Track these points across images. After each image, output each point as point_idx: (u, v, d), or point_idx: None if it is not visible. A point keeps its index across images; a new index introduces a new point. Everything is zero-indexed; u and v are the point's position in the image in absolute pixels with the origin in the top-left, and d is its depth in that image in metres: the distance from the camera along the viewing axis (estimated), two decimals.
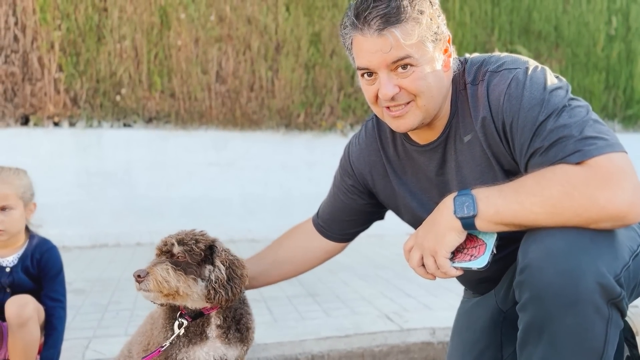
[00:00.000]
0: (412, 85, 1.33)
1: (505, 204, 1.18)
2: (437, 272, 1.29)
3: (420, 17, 1.31)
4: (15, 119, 5.05)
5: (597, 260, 1.11)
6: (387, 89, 1.33)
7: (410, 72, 1.32)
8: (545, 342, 1.17)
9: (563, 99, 1.25)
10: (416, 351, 2.54)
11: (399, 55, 1.30)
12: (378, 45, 1.30)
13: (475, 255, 1.25)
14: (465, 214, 1.22)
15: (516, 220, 1.19)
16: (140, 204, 5.26)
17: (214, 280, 1.52)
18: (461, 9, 6.14)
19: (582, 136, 1.17)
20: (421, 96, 1.35)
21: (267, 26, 5.59)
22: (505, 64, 1.36)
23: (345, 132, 5.86)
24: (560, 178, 1.15)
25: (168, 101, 5.39)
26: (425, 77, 1.33)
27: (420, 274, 1.33)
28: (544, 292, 1.13)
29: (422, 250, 1.30)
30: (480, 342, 1.63)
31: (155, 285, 1.44)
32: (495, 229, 1.23)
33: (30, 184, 2.03)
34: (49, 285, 2.04)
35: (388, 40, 1.29)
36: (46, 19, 5.02)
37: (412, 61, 1.31)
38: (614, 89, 6.77)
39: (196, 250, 1.53)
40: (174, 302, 1.52)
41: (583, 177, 1.13)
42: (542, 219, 1.16)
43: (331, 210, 1.84)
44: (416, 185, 1.60)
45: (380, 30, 1.29)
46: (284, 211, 5.50)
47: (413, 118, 1.38)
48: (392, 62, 1.31)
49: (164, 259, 1.50)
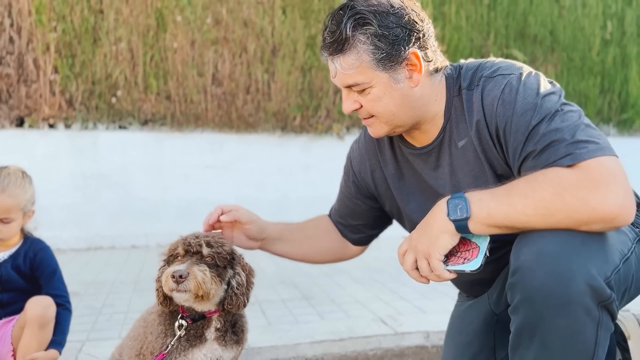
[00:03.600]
0: (368, 105, 1.42)
1: (498, 206, 1.19)
2: (430, 275, 1.29)
3: (362, 46, 1.34)
4: (10, 120, 5.04)
5: (587, 263, 1.12)
6: (345, 105, 1.45)
7: (367, 93, 1.40)
8: (536, 344, 1.17)
9: (556, 104, 1.26)
10: (410, 355, 2.54)
11: (346, 82, 1.40)
12: (331, 70, 1.43)
13: (468, 258, 1.26)
14: (459, 216, 1.22)
15: (508, 223, 1.19)
16: (135, 206, 5.25)
17: (235, 286, 1.53)
18: (457, 13, 6.16)
19: (574, 140, 1.19)
20: (380, 116, 1.43)
21: (263, 29, 5.59)
22: (500, 70, 1.38)
23: (341, 135, 5.86)
24: (551, 180, 1.16)
25: (164, 103, 5.38)
26: (379, 98, 1.39)
27: (413, 277, 1.33)
28: (536, 294, 1.13)
29: (415, 253, 1.30)
30: (473, 345, 1.63)
31: (195, 287, 1.42)
32: (488, 232, 1.23)
33: (33, 193, 2.07)
34: (48, 284, 2.07)
35: (334, 68, 1.40)
36: (42, 20, 5.01)
37: (362, 86, 1.39)
38: (609, 93, 6.80)
39: (223, 253, 1.53)
40: (199, 304, 1.50)
41: (574, 179, 1.14)
42: (534, 221, 1.17)
43: (341, 214, 1.86)
44: (413, 188, 1.60)
45: (329, 58, 1.41)
46: (280, 214, 5.45)
47: (379, 129, 1.47)
48: (345, 87, 1.42)
49: (196, 260, 1.48)
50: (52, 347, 1.98)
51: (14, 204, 1.96)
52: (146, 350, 1.61)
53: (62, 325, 2.05)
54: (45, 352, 1.94)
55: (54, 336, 2.00)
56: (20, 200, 1.98)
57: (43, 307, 1.94)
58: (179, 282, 1.41)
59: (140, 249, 5.14)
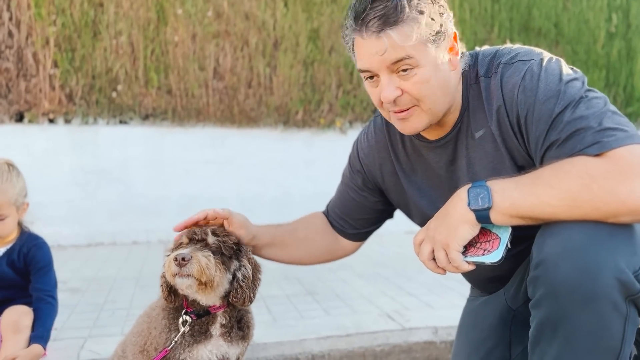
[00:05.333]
0: (414, 88, 1.29)
1: (522, 196, 1.14)
2: (448, 266, 1.24)
3: (420, 17, 1.26)
4: (9, 115, 4.98)
5: (615, 255, 1.07)
6: (387, 92, 1.29)
7: (412, 75, 1.28)
8: (559, 340, 1.13)
9: (579, 90, 1.21)
10: (418, 350, 2.49)
11: (397, 57, 1.26)
12: (376, 47, 1.26)
13: (488, 249, 1.21)
14: (480, 206, 1.17)
15: (532, 214, 1.14)
16: (136, 202, 5.20)
17: (241, 279, 1.49)
18: (461, 6, 6.09)
19: (601, 127, 1.14)
20: (424, 100, 1.31)
21: (265, 22, 5.53)
22: (519, 56, 1.33)
23: (344, 130, 5.81)
24: (579, 170, 1.10)
25: (165, 98, 5.32)
26: (427, 79, 1.29)
27: (430, 267, 1.28)
28: (560, 288, 1.09)
29: (433, 243, 1.25)
30: (488, 341, 1.59)
31: (198, 271, 1.37)
32: (510, 222, 1.18)
33: (24, 186, 2.05)
34: (36, 278, 2.07)
35: (385, 42, 1.25)
36: (41, 14, 4.95)
37: (412, 62, 1.27)
38: (614, 87, 6.74)
39: (229, 243, 1.49)
40: (203, 293, 1.45)
41: (603, 169, 1.09)
42: (559, 212, 1.12)
43: (341, 208, 1.80)
44: (426, 183, 1.55)
45: (377, 32, 1.25)
46: (282, 209, 5.44)
47: (418, 121, 1.35)
48: (391, 64, 1.27)
49: (200, 246, 1.44)
50: (33, 342, 1.95)
51: (5, 200, 1.94)
52: (150, 346, 1.58)
53: (44, 319, 2.02)
54: (27, 350, 1.92)
55: (33, 331, 1.98)
56: (10, 195, 1.96)
57: (17, 314, 1.95)
58: (182, 264, 1.36)
59: (141, 244, 5.09)
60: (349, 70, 5.80)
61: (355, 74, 5.81)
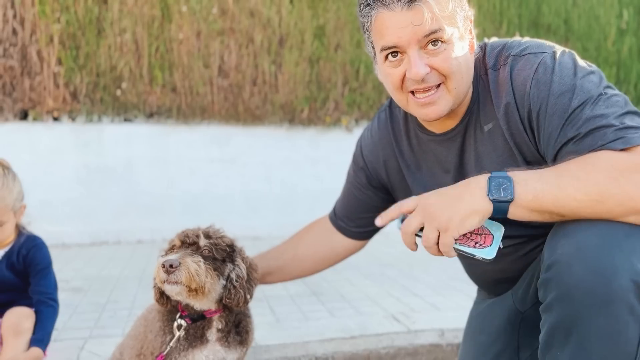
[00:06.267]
0: (444, 64, 1.22)
1: (546, 188, 1.08)
2: (433, 247, 1.15)
3: None
4: (14, 113, 4.96)
5: (632, 257, 1.01)
6: (418, 68, 1.21)
7: (441, 50, 1.22)
8: (572, 344, 1.07)
9: (597, 87, 1.16)
10: (424, 353, 2.43)
11: (432, 28, 1.19)
12: (409, 18, 1.19)
13: (480, 243, 1.15)
14: (502, 197, 1.09)
15: (555, 208, 1.08)
16: (141, 200, 5.17)
17: (234, 279, 1.45)
18: (469, 2, 6.01)
19: (624, 126, 1.09)
20: (452, 77, 1.24)
21: (270, 19, 5.48)
22: (530, 48, 1.27)
23: (350, 128, 5.75)
24: (606, 164, 1.05)
25: (169, 96, 5.29)
26: (456, 56, 1.23)
27: (406, 241, 1.20)
28: (574, 291, 1.03)
29: (428, 220, 1.15)
30: (495, 344, 1.53)
31: (187, 278, 1.32)
32: (529, 217, 1.11)
33: (20, 189, 2.01)
34: (36, 280, 2.04)
35: (420, 11, 1.18)
36: (45, 11, 4.93)
37: (444, 36, 1.20)
38: (624, 84, 6.63)
39: (222, 245, 1.45)
40: (194, 299, 1.41)
41: (631, 163, 1.04)
42: (583, 207, 1.06)
43: (346, 207, 1.76)
44: (431, 180, 1.50)
45: (411, 2, 1.18)
46: (287, 208, 5.40)
47: (444, 103, 1.27)
48: (423, 37, 1.20)
49: (190, 251, 1.39)
50: (32, 346, 1.93)
51: (3, 207, 1.91)
52: (147, 350, 1.54)
53: (44, 322, 2.00)
54: (26, 353, 1.90)
55: (34, 334, 1.96)
56: (7, 202, 1.92)
57: (18, 316, 1.93)
58: (170, 272, 1.31)
59: (145, 243, 5.06)
60: (355, 68, 5.74)
61: (361, 72, 5.75)
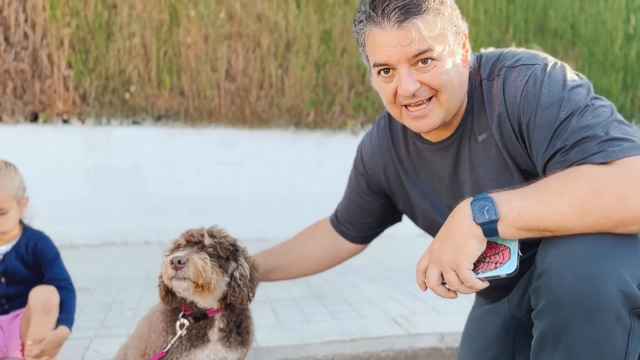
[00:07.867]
0: (433, 80, 1.26)
1: (529, 205, 1.10)
2: (461, 287, 1.16)
3: (442, 7, 1.25)
4: (24, 116, 5.04)
5: (620, 267, 1.04)
6: (407, 84, 1.25)
7: (431, 67, 1.25)
8: (561, 351, 1.10)
9: (585, 98, 1.18)
10: (424, 357, 2.46)
11: (420, 49, 1.23)
12: (398, 38, 1.23)
13: (500, 261, 1.15)
14: (487, 219, 1.12)
15: (541, 224, 1.10)
16: (148, 202, 5.23)
17: (238, 278, 1.50)
18: (475, 7, 6.02)
19: (608, 137, 1.11)
20: (443, 91, 1.27)
21: (277, 23, 5.53)
22: (522, 59, 1.30)
23: (355, 132, 5.78)
24: (588, 177, 1.07)
25: (177, 99, 5.35)
26: (447, 71, 1.26)
27: (440, 293, 1.20)
28: (562, 299, 1.05)
29: (440, 266, 1.18)
30: (491, 350, 1.56)
31: (195, 274, 1.38)
32: (518, 235, 1.13)
33: (21, 180, 2.11)
34: (49, 269, 2.11)
35: (409, 33, 1.21)
36: (56, 15, 5.01)
37: (434, 54, 1.24)
38: (631, 89, 6.61)
39: (226, 244, 1.50)
40: (200, 296, 1.46)
41: (613, 176, 1.06)
42: (569, 221, 1.07)
43: (348, 212, 1.80)
44: (428, 186, 1.53)
45: (400, 22, 1.22)
46: (293, 211, 5.43)
47: (435, 116, 1.31)
48: (412, 56, 1.24)
49: (196, 249, 1.45)
50: (60, 324, 1.97)
51: (5, 194, 1.99)
52: (150, 350, 1.58)
53: (68, 304, 2.05)
54: (54, 331, 1.94)
55: (60, 314, 2.01)
56: (10, 189, 2.00)
57: (46, 293, 1.97)
58: (178, 268, 1.37)
59: (153, 244, 5.12)
60: (361, 72, 5.77)
61: (367, 76, 5.78)
